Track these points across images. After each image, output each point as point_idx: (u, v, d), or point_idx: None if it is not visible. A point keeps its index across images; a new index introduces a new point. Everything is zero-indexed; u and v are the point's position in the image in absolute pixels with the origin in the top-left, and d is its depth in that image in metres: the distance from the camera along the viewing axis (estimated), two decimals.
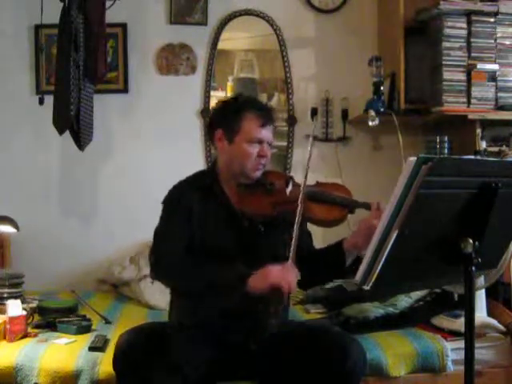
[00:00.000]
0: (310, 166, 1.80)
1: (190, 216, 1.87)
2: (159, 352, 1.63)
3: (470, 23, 2.93)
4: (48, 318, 2.37)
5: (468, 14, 2.92)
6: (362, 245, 1.75)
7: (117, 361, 1.66)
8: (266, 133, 1.89)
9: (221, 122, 1.93)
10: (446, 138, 2.91)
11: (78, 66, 2.77)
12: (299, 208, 1.72)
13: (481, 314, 2.39)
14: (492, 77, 2.95)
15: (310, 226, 1.98)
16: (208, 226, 1.87)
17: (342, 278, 2.30)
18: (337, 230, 1.94)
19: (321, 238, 2.13)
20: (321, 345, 1.70)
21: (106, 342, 2.15)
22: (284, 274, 1.67)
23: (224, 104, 2.02)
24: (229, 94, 3.40)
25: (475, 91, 2.93)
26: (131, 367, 1.63)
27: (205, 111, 3.36)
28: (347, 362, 1.65)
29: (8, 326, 2.16)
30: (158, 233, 1.89)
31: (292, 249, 1.70)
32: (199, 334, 1.77)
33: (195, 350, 1.73)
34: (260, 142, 1.88)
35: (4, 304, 2.30)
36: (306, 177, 1.78)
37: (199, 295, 1.83)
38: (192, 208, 1.87)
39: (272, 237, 1.86)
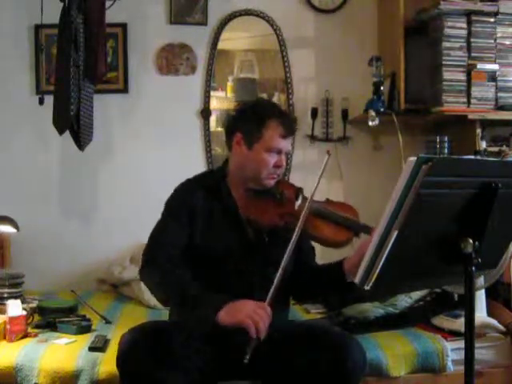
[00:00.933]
0: (317, 179, 1.75)
1: (192, 216, 1.86)
2: (162, 351, 1.63)
3: (470, 23, 2.93)
4: (48, 318, 2.37)
5: (468, 14, 2.93)
6: None
7: (120, 360, 1.66)
8: (287, 144, 1.87)
9: (242, 125, 1.89)
10: (445, 138, 2.91)
11: (78, 66, 2.77)
12: (291, 245, 1.66)
13: (481, 314, 2.39)
14: (492, 77, 2.95)
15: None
16: (211, 227, 1.86)
17: (339, 295, 2.28)
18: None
19: (320, 255, 2.10)
20: (321, 345, 1.70)
21: (106, 342, 2.15)
22: (255, 317, 1.60)
23: (247, 107, 1.96)
24: (229, 94, 3.41)
25: (475, 91, 2.93)
26: (134, 366, 1.62)
27: (205, 111, 3.36)
28: (347, 362, 1.64)
29: (8, 326, 2.16)
30: (155, 235, 1.87)
31: (273, 289, 1.64)
32: (200, 333, 1.77)
33: (197, 350, 1.73)
34: (279, 152, 1.86)
35: (4, 304, 2.30)
36: (308, 205, 1.73)
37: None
38: (196, 208, 1.86)
39: (275, 246, 1.84)
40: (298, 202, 1.86)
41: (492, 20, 2.95)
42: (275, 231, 1.84)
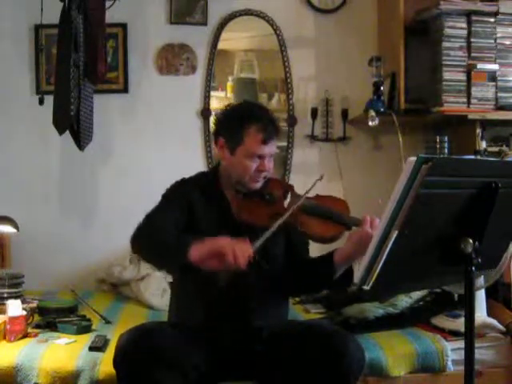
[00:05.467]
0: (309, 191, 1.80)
1: (191, 209, 1.86)
2: (160, 351, 1.63)
3: (469, 23, 2.93)
4: (48, 318, 2.37)
5: (468, 14, 2.93)
6: (354, 256, 1.73)
7: (117, 360, 1.66)
8: (269, 148, 1.84)
9: (223, 131, 1.89)
10: (445, 138, 2.91)
11: (78, 66, 2.77)
12: (289, 212, 1.70)
13: (481, 314, 2.39)
14: (492, 77, 2.95)
15: None
16: (206, 226, 1.86)
17: (329, 289, 2.26)
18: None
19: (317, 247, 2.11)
20: (319, 343, 1.70)
21: (105, 342, 2.15)
22: (231, 244, 1.56)
23: (228, 111, 1.95)
24: (229, 94, 3.41)
25: (475, 91, 2.93)
26: (132, 366, 1.63)
27: (205, 111, 3.36)
28: (345, 360, 1.64)
29: (8, 326, 2.16)
30: (150, 213, 1.85)
31: (262, 238, 1.63)
32: (199, 334, 1.77)
33: (195, 350, 1.73)
34: (261, 157, 1.84)
35: (4, 304, 2.30)
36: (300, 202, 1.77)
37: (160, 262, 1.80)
38: (193, 203, 1.87)
39: (270, 244, 1.83)
40: (288, 201, 1.87)
41: (492, 20, 2.95)
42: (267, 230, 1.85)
